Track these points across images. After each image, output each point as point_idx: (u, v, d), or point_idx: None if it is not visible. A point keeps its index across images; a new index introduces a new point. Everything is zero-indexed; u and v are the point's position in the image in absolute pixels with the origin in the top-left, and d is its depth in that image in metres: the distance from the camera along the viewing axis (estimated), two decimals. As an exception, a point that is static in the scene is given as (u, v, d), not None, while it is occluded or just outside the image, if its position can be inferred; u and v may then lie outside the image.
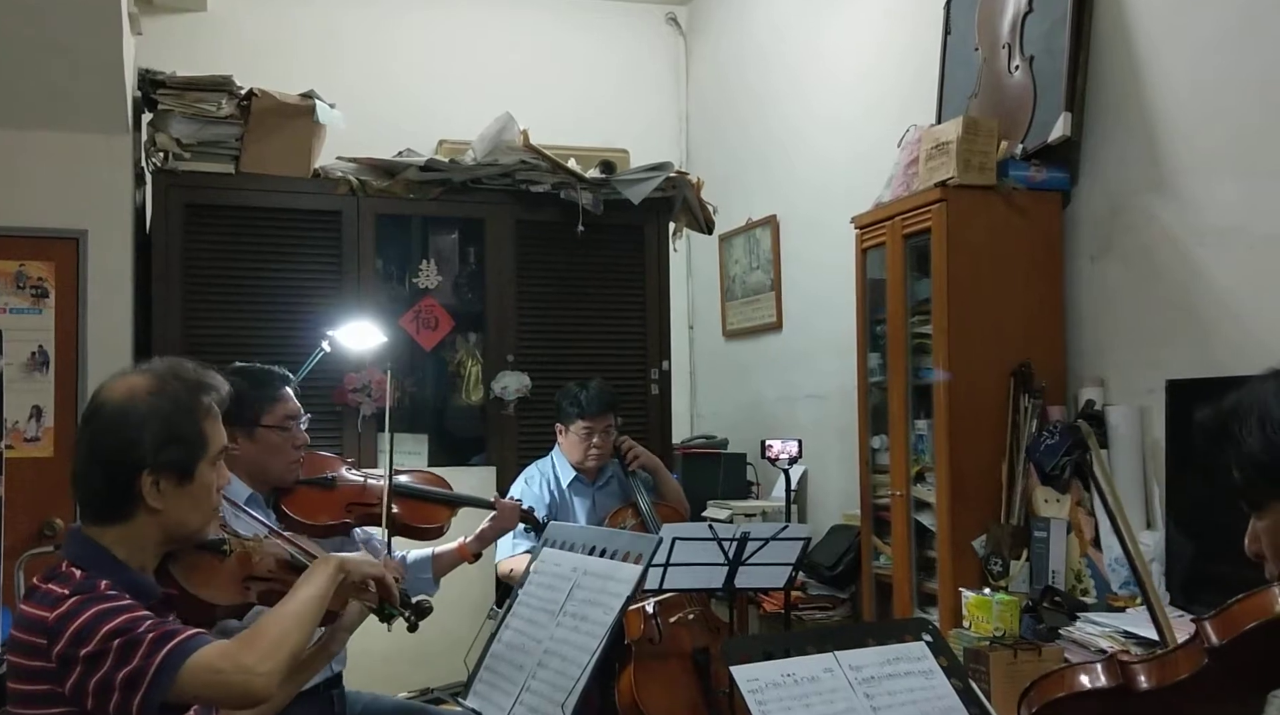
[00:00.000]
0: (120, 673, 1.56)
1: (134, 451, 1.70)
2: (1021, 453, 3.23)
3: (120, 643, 1.57)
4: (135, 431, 1.70)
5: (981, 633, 2.93)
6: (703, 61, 6.00)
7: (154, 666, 1.56)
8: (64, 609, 1.60)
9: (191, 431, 1.75)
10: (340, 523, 2.78)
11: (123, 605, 1.62)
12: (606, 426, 3.79)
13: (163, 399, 1.74)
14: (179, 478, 1.73)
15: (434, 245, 4.34)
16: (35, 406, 3.83)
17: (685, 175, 4.49)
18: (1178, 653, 1.18)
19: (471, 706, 2.19)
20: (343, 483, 2.87)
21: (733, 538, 3.09)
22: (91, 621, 1.58)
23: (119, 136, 3.92)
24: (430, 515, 2.95)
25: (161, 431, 1.71)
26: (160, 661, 1.56)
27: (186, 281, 3.93)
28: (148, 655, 1.56)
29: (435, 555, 2.91)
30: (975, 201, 3.29)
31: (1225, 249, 2.92)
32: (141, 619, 1.61)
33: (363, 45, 5.44)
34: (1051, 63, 3.35)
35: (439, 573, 2.91)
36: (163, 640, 1.58)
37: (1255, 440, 1.20)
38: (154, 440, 1.71)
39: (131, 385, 1.75)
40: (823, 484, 4.68)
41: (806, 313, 4.88)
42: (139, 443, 1.70)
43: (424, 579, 2.88)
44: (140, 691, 1.55)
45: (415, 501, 2.95)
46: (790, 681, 1.70)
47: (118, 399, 1.74)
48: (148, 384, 1.75)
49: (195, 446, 1.75)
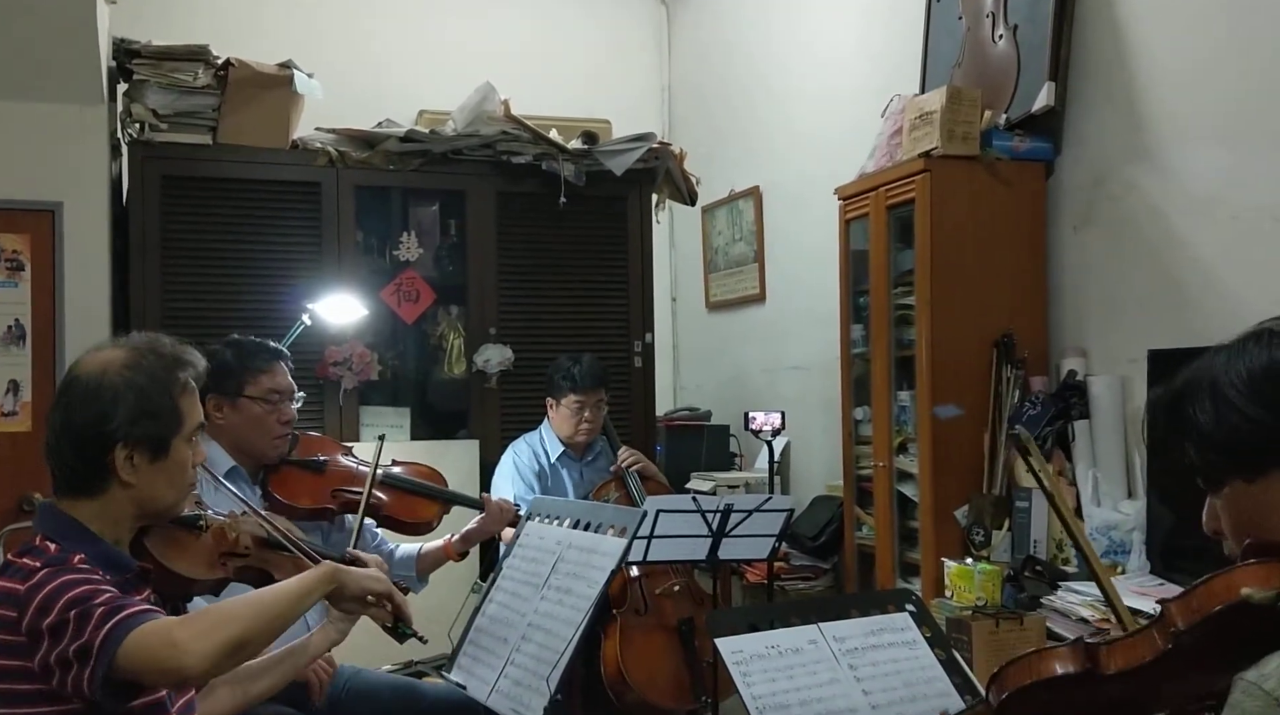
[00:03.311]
0: (74, 645, 1.54)
1: (107, 424, 1.69)
2: (1004, 423, 3.24)
3: (76, 614, 1.55)
4: (109, 405, 1.69)
5: (964, 602, 2.95)
6: (685, 31, 5.96)
7: (99, 639, 1.53)
8: (34, 580, 1.59)
9: (166, 406, 1.74)
10: (323, 507, 2.75)
11: (89, 577, 1.60)
12: (598, 401, 3.79)
13: (137, 373, 1.72)
14: (153, 452, 1.72)
15: (414, 217, 4.30)
16: (12, 381, 3.79)
17: (668, 146, 4.46)
18: (1143, 635, 1.17)
19: (456, 680, 2.19)
20: (333, 467, 2.83)
21: (716, 510, 3.09)
22: (54, 592, 1.57)
23: (94, 107, 3.86)
24: (419, 510, 2.91)
25: (135, 405, 1.70)
26: (105, 634, 1.53)
27: (164, 254, 3.89)
28: (96, 627, 1.54)
29: (421, 553, 2.88)
30: (959, 172, 3.28)
31: (1207, 219, 2.92)
32: (100, 591, 1.59)
33: (341, 14, 5.37)
34: (1035, 32, 3.34)
35: (424, 570, 2.89)
36: (111, 614, 1.55)
37: (1208, 417, 1.19)
38: (128, 414, 1.69)
39: (106, 359, 1.74)
40: (805, 455, 4.69)
41: (789, 284, 4.87)
42: (112, 416, 1.69)
43: (409, 576, 2.85)
44: (89, 666, 1.53)
45: (405, 494, 2.90)
46: (774, 653, 1.70)
47: (92, 372, 1.72)
48: (123, 358, 1.74)
49: (170, 421, 1.74)
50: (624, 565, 2.84)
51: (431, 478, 3.03)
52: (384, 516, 2.86)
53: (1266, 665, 1.03)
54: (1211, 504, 1.24)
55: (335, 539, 2.80)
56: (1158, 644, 1.15)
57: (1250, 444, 1.16)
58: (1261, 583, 1.09)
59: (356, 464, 2.90)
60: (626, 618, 3.40)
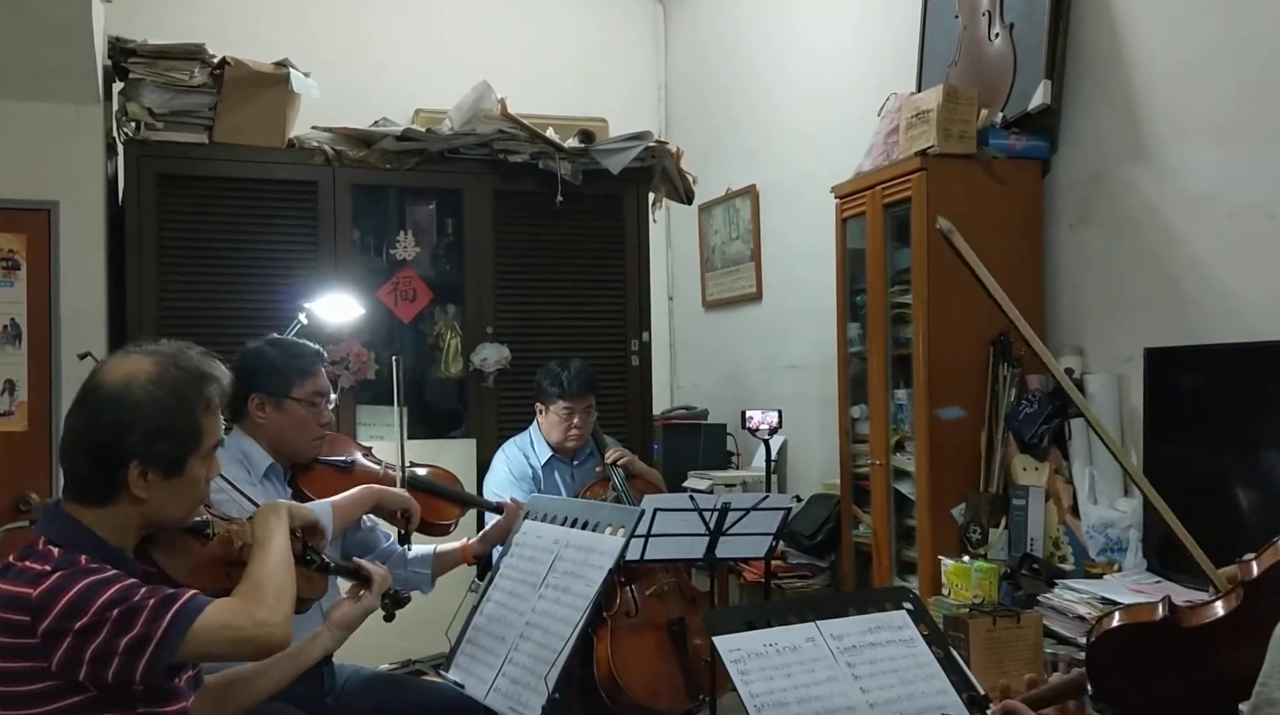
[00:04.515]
0: (122, 640, 1.57)
1: (125, 439, 1.66)
2: (1000, 421, 3.25)
3: (119, 612, 1.57)
4: (129, 419, 1.66)
5: (961, 600, 2.95)
6: (682, 30, 5.96)
7: (161, 630, 1.58)
8: (49, 584, 1.58)
9: (186, 426, 1.71)
10: None
11: (110, 575, 1.62)
12: (587, 407, 3.77)
13: (161, 389, 1.69)
14: (167, 471, 1.69)
15: (411, 216, 4.30)
16: (8, 381, 3.78)
17: (665, 145, 4.46)
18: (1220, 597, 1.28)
19: (454, 679, 2.19)
20: (360, 469, 2.85)
21: (714, 508, 3.09)
22: (83, 594, 1.57)
23: (89, 106, 3.85)
24: (441, 512, 2.93)
25: (155, 424, 1.67)
26: (168, 624, 1.58)
27: (161, 253, 3.88)
28: (152, 620, 1.58)
29: (438, 553, 2.88)
30: (955, 170, 3.28)
31: (1203, 217, 2.92)
32: (134, 586, 1.61)
33: (338, 12, 5.36)
34: (1031, 30, 3.34)
35: (438, 571, 2.87)
36: (166, 604, 1.60)
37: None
38: (146, 431, 1.67)
39: (131, 370, 1.70)
40: (803, 454, 4.69)
41: (786, 283, 4.88)
42: (131, 431, 1.66)
43: (421, 575, 2.84)
44: (146, 655, 1.57)
45: (429, 496, 2.91)
46: (772, 651, 1.70)
47: (116, 382, 1.69)
48: (148, 371, 1.70)
49: (188, 442, 1.71)
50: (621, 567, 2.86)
51: (450, 481, 3.07)
52: None
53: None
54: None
55: (352, 538, 2.80)
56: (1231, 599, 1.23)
57: None
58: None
59: (382, 466, 2.93)
60: (617, 620, 3.38)
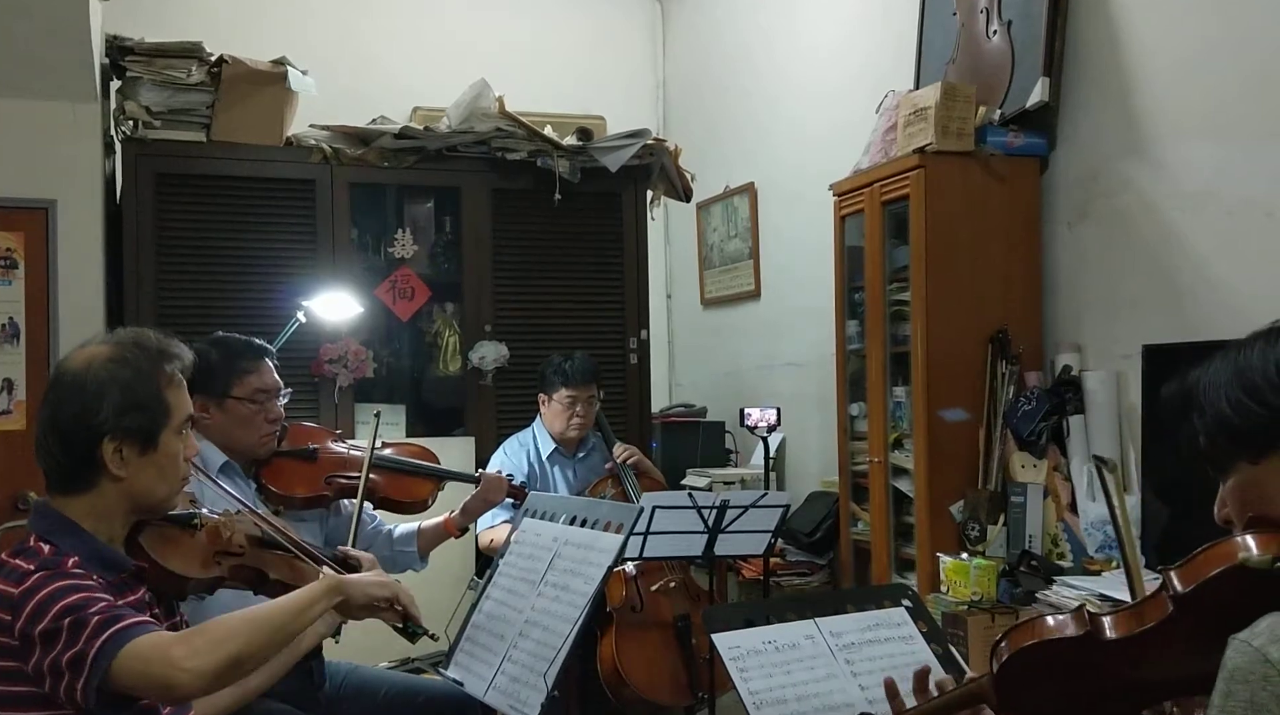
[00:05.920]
0: (67, 654, 1.54)
1: (93, 418, 1.69)
2: (999, 419, 3.25)
3: (70, 621, 1.55)
4: (94, 399, 1.69)
5: (959, 597, 2.96)
6: (680, 27, 5.95)
7: (93, 651, 1.53)
8: (28, 584, 1.58)
9: (152, 398, 1.74)
10: (319, 495, 2.75)
11: (82, 584, 1.60)
12: (590, 396, 3.79)
13: (122, 366, 1.73)
14: (142, 445, 1.72)
15: (409, 214, 4.30)
16: (7, 379, 3.78)
17: (663, 143, 4.46)
18: (1145, 604, 1.19)
19: (453, 677, 2.19)
20: (324, 455, 2.83)
21: (712, 506, 3.10)
22: (47, 599, 1.56)
23: (87, 104, 3.84)
24: (413, 489, 2.91)
25: (121, 398, 1.70)
26: (99, 646, 1.53)
27: (159, 251, 3.88)
28: (91, 638, 1.54)
29: (420, 530, 2.89)
30: (953, 168, 3.29)
31: (1201, 214, 2.93)
32: (95, 600, 1.58)
33: (335, 11, 5.35)
34: (1029, 28, 3.34)
35: (424, 548, 2.89)
36: (106, 624, 1.55)
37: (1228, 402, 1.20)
38: (114, 407, 1.70)
39: (91, 354, 1.75)
40: (801, 451, 4.69)
41: (785, 280, 4.88)
42: (98, 410, 1.69)
43: (409, 553, 2.86)
44: (82, 676, 1.53)
45: (397, 474, 2.91)
46: (771, 648, 1.71)
47: (77, 367, 1.73)
48: (107, 352, 1.75)
49: (157, 414, 1.74)
50: (620, 564, 2.86)
51: (423, 456, 3.04)
52: (379, 498, 2.87)
53: (1258, 625, 1.06)
54: (1221, 492, 1.26)
55: (333, 524, 2.80)
56: (1157, 610, 1.17)
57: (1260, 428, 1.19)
58: (1258, 549, 1.12)
59: (347, 449, 2.90)
60: (622, 615, 3.40)
